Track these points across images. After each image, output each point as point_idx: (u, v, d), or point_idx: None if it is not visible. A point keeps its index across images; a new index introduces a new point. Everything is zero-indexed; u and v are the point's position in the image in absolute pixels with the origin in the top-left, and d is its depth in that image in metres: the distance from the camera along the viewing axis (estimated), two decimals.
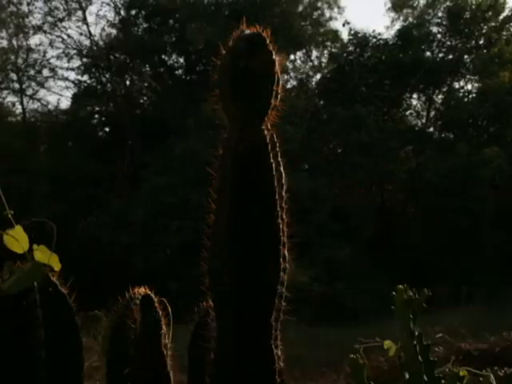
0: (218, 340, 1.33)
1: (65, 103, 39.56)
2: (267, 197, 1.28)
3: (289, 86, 23.92)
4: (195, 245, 1.76)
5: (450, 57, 23.70)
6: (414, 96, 25.14)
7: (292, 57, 24.82)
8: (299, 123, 20.03)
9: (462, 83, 24.63)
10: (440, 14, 24.03)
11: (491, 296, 14.46)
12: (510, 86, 21.00)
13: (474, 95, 23.31)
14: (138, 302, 1.68)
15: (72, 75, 33.43)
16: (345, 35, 24.82)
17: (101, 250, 17.61)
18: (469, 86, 24.34)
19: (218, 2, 23.85)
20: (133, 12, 24.45)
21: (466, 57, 23.81)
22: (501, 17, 23.40)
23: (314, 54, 25.72)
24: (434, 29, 24.09)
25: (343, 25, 26.25)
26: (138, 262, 17.21)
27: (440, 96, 24.65)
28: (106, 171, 21.48)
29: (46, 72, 24.33)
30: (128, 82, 25.39)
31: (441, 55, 23.81)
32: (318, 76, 25.27)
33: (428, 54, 23.76)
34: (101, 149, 22.63)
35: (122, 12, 24.62)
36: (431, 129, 24.85)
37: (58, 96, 35.67)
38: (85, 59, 24.48)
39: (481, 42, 23.88)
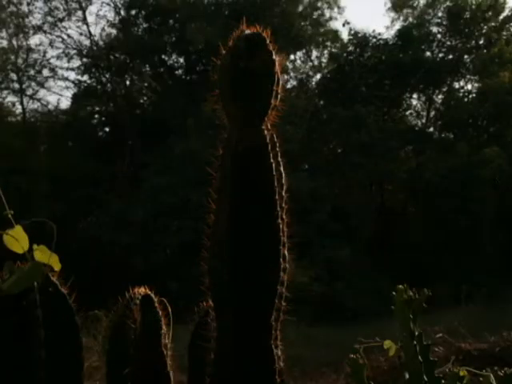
0: (218, 340, 1.33)
1: (65, 103, 39.64)
2: (267, 197, 1.28)
3: (289, 86, 23.94)
4: (195, 245, 1.76)
5: (450, 57, 23.71)
6: (414, 96, 25.18)
7: (292, 57, 24.87)
8: (299, 123, 20.03)
9: (462, 83, 24.70)
10: (440, 14, 24.07)
11: (491, 296, 14.45)
12: (510, 86, 20.99)
13: (474, 95, 23.34)
14: (138, 302, 1.68)
15: (72, 75, 33.53)
16: (345, 35, 24.90)
17: (101, 250, 17.60)
18: (469, 86, 24.40)
19: (218, 1, 23.85)
20: (133, 12, 24.47)
21: (466, 57, 23.82)
22: (501, 17, 23.44)
23: (314, 54, 25.75)
24: (434, 29, 24.14)
25: (343, 25, 26.38)
26: (138, 262, 17.21)
27: (440, 96, 24.69)
28: (106, 171, 21.48)
29: (46, 72, 24.37)
30: (128, 82, 25.41)
31: (441, 55, 23.82)
32: (318, 76, 25.30)
33: (428, 54, 23.77)
34: (101, 149, 22.62)
35: (122, 12, 24.66)
36: (431, 129, 24.87)
37: (58, 96, 35.79)
38: (85, 59, 24.51)
39: (481, 42, 23.90)
